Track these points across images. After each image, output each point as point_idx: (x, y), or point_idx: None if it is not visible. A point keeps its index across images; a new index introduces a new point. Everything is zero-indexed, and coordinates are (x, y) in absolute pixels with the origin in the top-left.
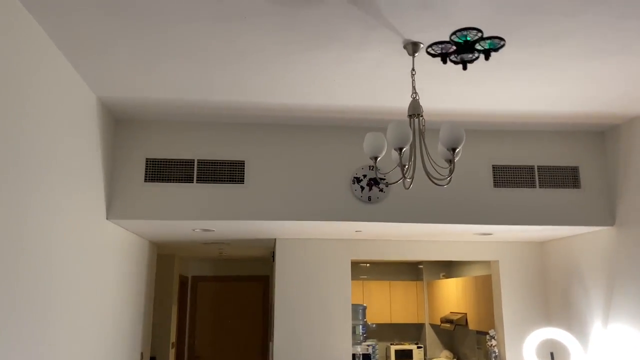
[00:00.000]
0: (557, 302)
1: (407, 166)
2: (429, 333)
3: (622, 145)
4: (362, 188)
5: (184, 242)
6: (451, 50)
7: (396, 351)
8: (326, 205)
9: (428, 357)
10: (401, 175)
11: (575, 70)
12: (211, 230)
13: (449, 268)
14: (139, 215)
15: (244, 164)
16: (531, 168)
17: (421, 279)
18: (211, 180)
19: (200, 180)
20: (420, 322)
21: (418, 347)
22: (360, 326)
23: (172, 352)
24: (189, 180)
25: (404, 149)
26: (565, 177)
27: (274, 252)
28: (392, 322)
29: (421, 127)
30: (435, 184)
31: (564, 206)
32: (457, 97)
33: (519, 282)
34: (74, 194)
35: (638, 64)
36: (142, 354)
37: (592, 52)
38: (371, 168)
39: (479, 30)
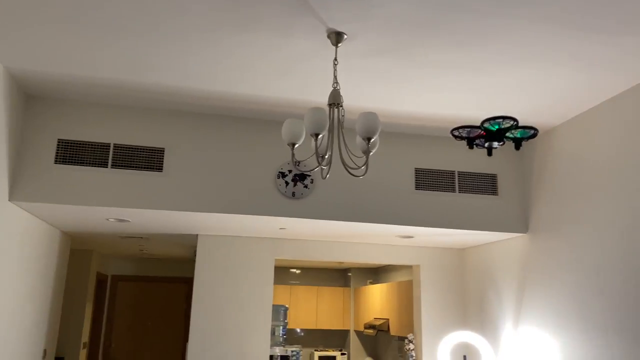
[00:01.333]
0: (474, 306)
1: (324, 156)
2: (353, 339)
3: (537, 155)
4: (287, 183)
5: (101, 235)
6: (477, 134)
7: (320, 357)
8: (249, 198)
9: None
10: (322, 165)
11: (497, 77)
12: (126, 220)
13: (376, 275)
14: (46, 198)
15: (163, 151)
16: (452, 173)
17: (349, 286)
18: (127, 166)
19: (116, 165)
20: (345, 328)
21: (342, 354)
22: (281, 327)
23: (83, 353)
24: (104, 164)
25: (320, 135)
26: (484, 184)
27: (196, 251)
28: (318, 327)
29: (340, 117)
30: (351, 174)
31: (482, 212)
32: (382, 96)
33: (439, 287)
34: None
35: (555, 75)
36: (45, 350)
37: (513, 58)
38: (296, 164)
39: (514, 120)
